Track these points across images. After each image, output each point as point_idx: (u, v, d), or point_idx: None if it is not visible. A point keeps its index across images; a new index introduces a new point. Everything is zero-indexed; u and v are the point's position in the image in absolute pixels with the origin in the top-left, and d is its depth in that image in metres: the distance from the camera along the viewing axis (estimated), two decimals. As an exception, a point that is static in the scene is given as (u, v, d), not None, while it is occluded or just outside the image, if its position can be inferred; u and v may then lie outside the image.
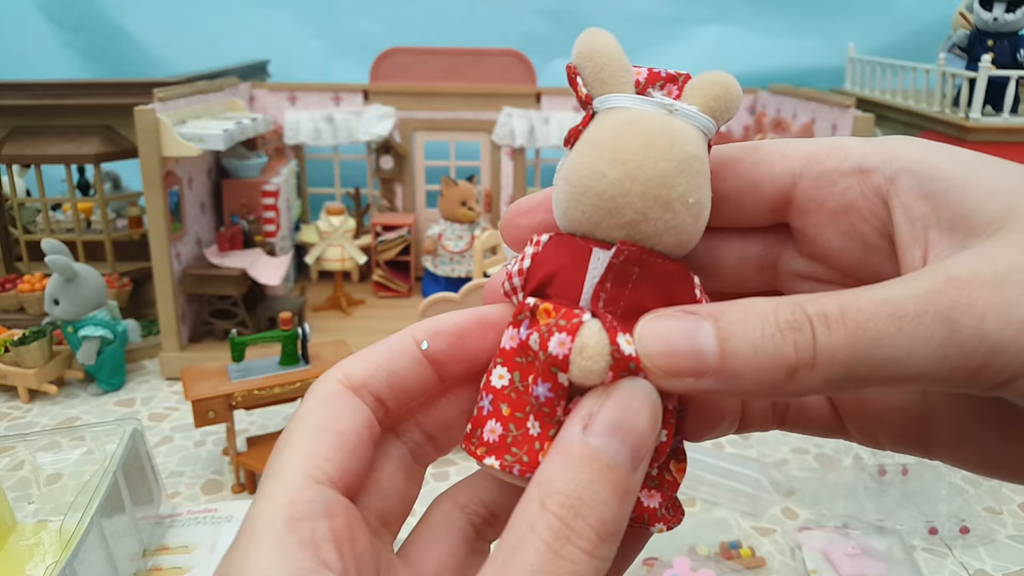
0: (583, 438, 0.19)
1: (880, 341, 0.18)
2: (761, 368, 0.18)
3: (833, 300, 0.18)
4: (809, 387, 0.18)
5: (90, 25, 1.70)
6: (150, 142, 1.05)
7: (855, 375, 0.18)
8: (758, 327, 0.18)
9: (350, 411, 0.22)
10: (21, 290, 1.26)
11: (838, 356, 0.18)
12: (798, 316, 0.18)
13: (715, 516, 0.84)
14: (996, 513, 0.87)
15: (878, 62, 1.36)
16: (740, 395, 0.19)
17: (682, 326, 0.19)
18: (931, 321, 0.18)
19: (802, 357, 0.18)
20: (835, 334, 0.18)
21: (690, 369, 0.19)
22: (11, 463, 0.80)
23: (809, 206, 0.23)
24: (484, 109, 1.42)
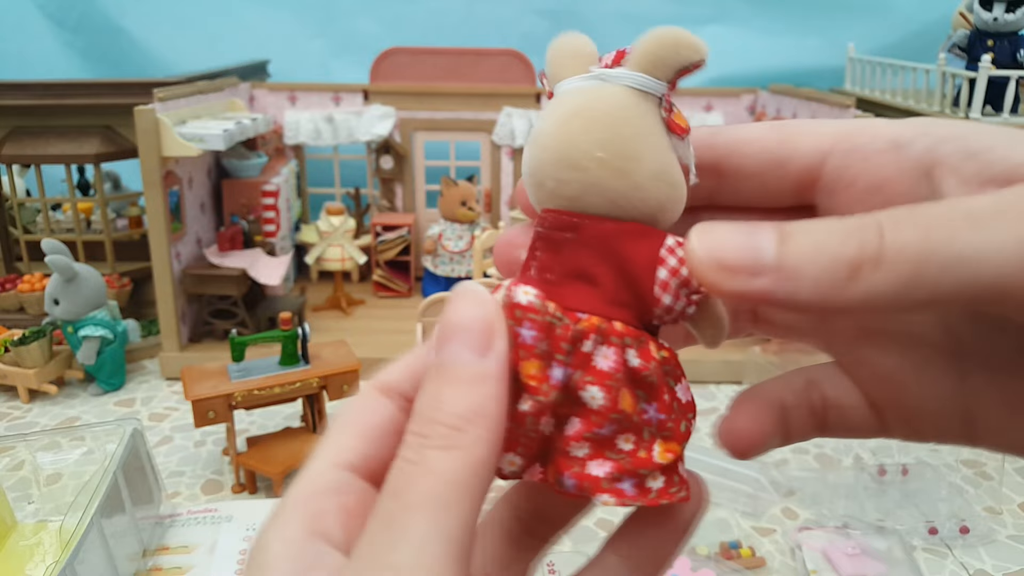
0: (431, 360, 0.20)
1: (954, 238, 0.17)
2: (822, 264, 0.18)
3: (904, 208, 0.18)
4: (874, 288, 0.17)
5: (90, 25, 1.70)
6: (150, 142, 1.05)
7: (924, 277, 0.17)
8: (822, 227, 0.18)
9: (374, 407, 0.22)
10: (21, 290, 1.26)
11: (907, 251, 0.17)
12: (865, 219, 0.18)
13: (715, 516, 0.84)
14: (996, 513, 0.87)
15: (878, 62, 1.36)
16: (797, 301, 0.18)
17: (742, 226, 0.19)
18: (1011, 221, 0.17)
19: (867, 251, 0.17)
20: (904, 231, 0.17)
21: (746, 265, 0.18)
22: (11, 463, 0.80)
23: (838, 184, 0.23)
24: (484, 109, 1.42)
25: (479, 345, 0.19)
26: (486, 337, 0.20)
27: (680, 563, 0.73)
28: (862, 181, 0.22)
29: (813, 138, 0.23)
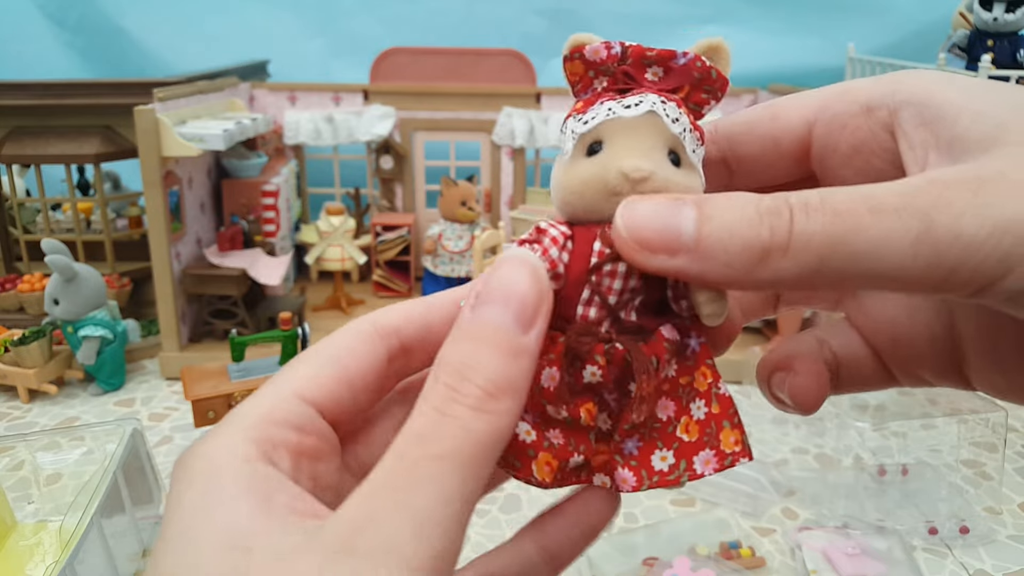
0: (469, 314, 0.20)
1: (856, 232, 0.18)
2: (734, 249, 0.19)
3: (816, 192, 0.19)
4: (781, 273, 0.19)
5: (90, 25, 1.70)
6: (150, 142, 1.05)
7: (829, 265, 0.18)
8: (737, 211, 0.19)
9: (364, 351, 0.22)
10: (21, 290, 1.26)
11: (813, 243, 0.18)
12: (779, 203, 0.19)
13: (715, 516, 0.84)
14: (996, 513, 0.87)
15: (878, 62, 1.36)
16: (711, 278, 0.20)
17: (665, 205, 0.20)
18: (909, 216, 0.18)
19: (776, 240, 0.18)
20: (812, 221, 0.18)
21: (665, 244, 0.19)
22: (11, 463, 0.80)
23: (825, 151, 0.24)
24: (484, 109, 1.42)
25: (525, 319, 0.20)
26: (533, 313, 0.20)
27: (680, 563, 0.73)
28: (843, 146, 0.23)
29: (799, 112, 0.24)
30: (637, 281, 0.22)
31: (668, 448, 0.23)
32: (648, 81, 0.24)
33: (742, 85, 1.45)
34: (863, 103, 0.22)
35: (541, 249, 0.23)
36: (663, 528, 0.81)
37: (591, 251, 0.22)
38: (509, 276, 0.20)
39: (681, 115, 0.23)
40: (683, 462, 0.23)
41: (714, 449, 0.23)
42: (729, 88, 0.24)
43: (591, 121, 0.23)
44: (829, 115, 0.23)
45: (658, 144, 0.22)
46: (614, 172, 0.22)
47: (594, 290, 0.23)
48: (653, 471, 0.23)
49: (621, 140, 0.23)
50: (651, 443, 0.23)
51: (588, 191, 0.23)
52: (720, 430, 0.23)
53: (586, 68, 0.24)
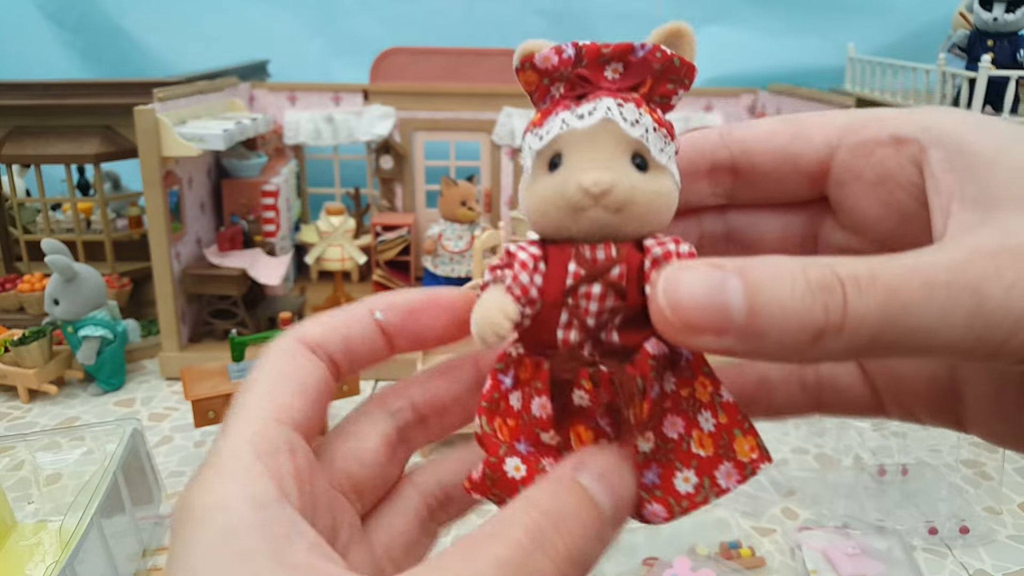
0: (573, 474, 0.20)
1: (911, 308, 0.17)
2: (788, 329, 0.18)
3: (863, 264, 0.18)
4: (831, 352, 0.18)
5: (90, 25, 1.70)
6: (150, 142, 1.05)
7: (881, 342, 0.18)
8: (788, 285, 0.18)
9: (309, 365, 0.22)
10: (21, 290, 1.26)
11: (867, 321, 0.17)
12: (829, 277, 0.18)
13: (715, 516, 0.84)
14: (996, 513, 0.87)
15: (878, 62, 1.36)
16: (758, 356, 0.19)
17: (708, 278, 0.18)
18: (960, 291, 0.17)
19: (831, 320, 0.18)
20: (866, 298, 0.17)
21: (714, 325, 0.18)
22: (11, 463, 0.80)
23: (846, 177, 0.23)
24: (484, 109, 1.42)
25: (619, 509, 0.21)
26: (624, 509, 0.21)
27: (680, 563, 0.73)
28: (868, 174, 0.23)
29: (823, 132, 0.23)
30: (615, 300, 0.21)
31: (688, 467, 0.22)
32: (607, 80, 0.22)
33: (742, 85, 1.45)
34: (892, 133, 0.22)
35: (511, 275, 0.22)
36: (663, 528, 0.81)
37: (566, 273, 0.22)
38: (619, 465, 0.21)
39: (642, 115, 0.22)
40: (706, 479, 0.22)
41: (732, 461, 0.22)
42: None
43: (545, 136, 0.22)
44: (855, 140, 0.23)
45: (618, 151, 0.22)
46: (573, 188, 0.21)
47: (572, 313, 0.22)
48: (680, 496, 0.22)
49: (578, 152, 0.22)
50: (670, 466, 0.22)
51: (551, 209, 0.22)
52: (733, 440, 0.22)
53: (540, 76, 0.23)
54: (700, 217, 0.26)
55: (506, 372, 0.23)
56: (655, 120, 0.22)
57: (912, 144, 0.21)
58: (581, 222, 0.21)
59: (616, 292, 0.21)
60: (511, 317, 0.21)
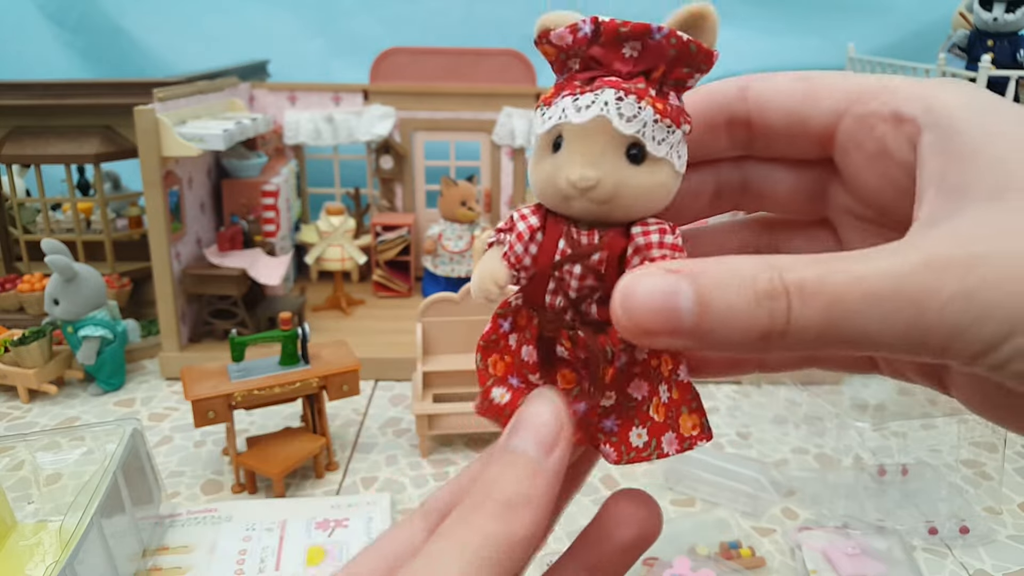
0: (502, 442, 0.23)
1: (852, 316, 0.19)
2: (735, 332, 0.19)
3: (813, 268, 0.19)
4: (780, 351, 0.20)
5: (90, 25, 1.70)
6: (150, 142, 1.05)
7: (826, 343, 0.19)
8: (735, 293, 0.19)
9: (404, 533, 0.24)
10: (21, 290, 1.26)
11: (811, 326, 0.19)
12: (775, 285, 0.19)
13: (715, 516, 0.84)
14: (996, 513, 0.87)
15: (878, 62, 1.36)
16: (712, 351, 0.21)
17: (662, 286, 0.20)
18: (901, 303, 0.18)
19: (775, 324, 0.19)
20: (808, 308, 0.19)
21: (667, 329, 0.20)
22: (11, 463, 0.80)
23: (849, 146, 0.24)
24: (484, 109, 1.42)
25: (547, 445, 0.23)
26: (553, 441, 0.23)
27: (680, 563, 0.73)
28: (869, 146, 0.23)
29: (831, 97, 0.24)
30: (593, 281, 0.24)
31: (643, 426, 0.25)
32: (623, 60, 0.23)
33: (742, 85, 1.45)
34: (895, 109, 0.22)
35: (509, 243, 0.25)
36: (663, 528, 0.81)
37: (556, 248, 0.24)
38: (534, 410, 0.23)
39: (641, 109, 0.22)
40: (654, 440, 0.25)
41: (675, 432, 0.25)
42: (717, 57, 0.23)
43: (547, 122, 0.23)
44: (860, 111, 0.23)
45: (610, 146, 0.22)
46: (562, 180, 0.23)
47: (558, 284, 0.24)
48: (631, 447, 0.25)
49: (573, 144, 0.23)
50: (629, 421, 0.25)
51: (548, 190, 0.24)
52: (679, 415, 0.25)
53: (556, 51, 0.24)
54: (718, 167, 0.27)
55: (506, 318, 0.26)
56: (659, 111, 0.22)
57: (910, 124, 0.22)
58: (572, 208, 0.23)
59: (595, 274, 0.23)
60: (500, 284, 0.24)
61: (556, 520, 0.26)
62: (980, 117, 0.21)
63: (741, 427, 1.03)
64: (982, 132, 0.20)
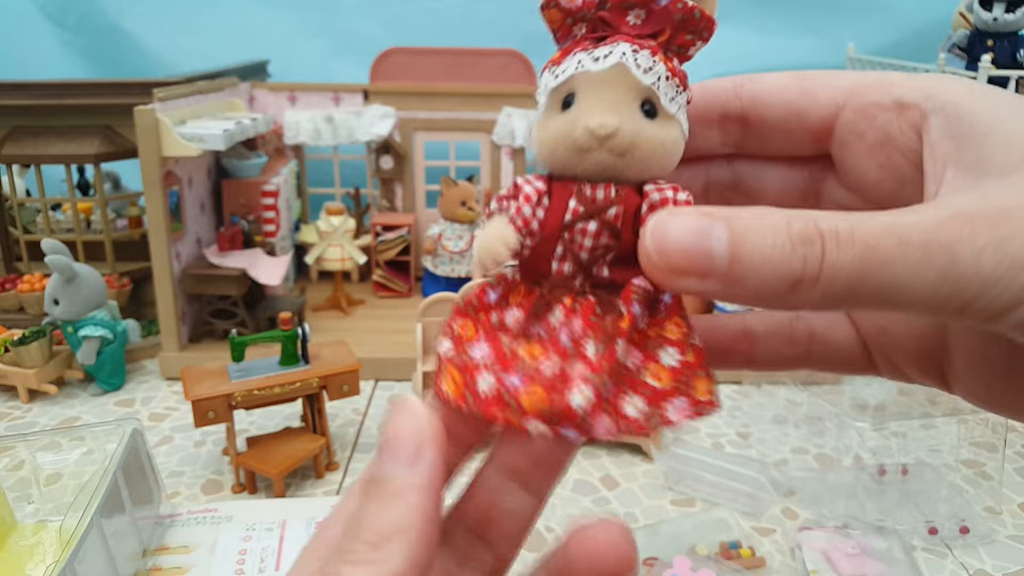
0: (369, 470, 0.21)
1: (885, 265, 0.18)
2: (767, 277, 0.19)
3: (845, 219, 0.19)
4: (807, 301, 0.19)
5: (90, 25, 1.70)
6: (150, 142, 1.05)
7: (854, 295, 0.19)
8: (770, 236, 0.19)
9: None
10: (21, 290, 1.26)
11: (843, 275, 0.18)
12: (810, 230, 0.19)
13: (715, 516, 0.84)
14: (996, 513, 0.87)
15: (878, 62, 1.36)
16: (737, 300, 0.20)
17: (695, 225, 0.19)
18: (934, 251, 0.18)
19: (808, 271, 0.19)
20: (843, 253, 0.18)
21: (697, 269, 0.19)
22: (11, 463, 0.80)
23: (849, 137, 0.24)
24: (484, 109, 1.42)
25: (407, 457, 0.20)
26: (415, 448, 0.21)
27: (680, 563, 0.73)
28: (870, 136, 0.23)
29: (829, 91, 0.24)
30: (609, 238, 0.23)
31: (637, 394, 0.22)
32: (628, 25, 0.23)
33: (742, 85, 1.45)
34: (897, 98, 0.22)
35: (515, 207, 0.23)
36: (663, 528, 0.81)
37: (566, 208, 0.23)
38: (389, 427, 0.21)
39: (656, 63, 0.22)
40: (655, 409, 0.22)
41: (688, 397, 0.22)
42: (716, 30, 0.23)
43: (561, 75, 0.23)
44: (860, 103, 0.23)
45: (628, 96, 0.22)
46: (580, 129, 0.22)
47: (567, 247, 0.23)
48: (628, 419, 0.22)
49: (590, 94, 0.22)
50: (620, 390, 0.23)
51: (559, 148, 0.23)
52: (694, 378, 0.23)
53: (563, 16, 0.24)
54: (708, 164, 0.27)
55: (495, 288, 0.24)
56: (669, 69, 0.23)
57: (914, 110, 0.22)
58: (586, 162, 0.22)
59: (610, 231, 0.23)
60: (510, 246, 0.22)
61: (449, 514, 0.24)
62: (983, 101, 0.21)
63: (741, 427, 1.03)
64: (989, 115, 0.20)
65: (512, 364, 0.22)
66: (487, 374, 0.22)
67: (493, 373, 0.22)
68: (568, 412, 0.21)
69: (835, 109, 0.24)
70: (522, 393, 0.21)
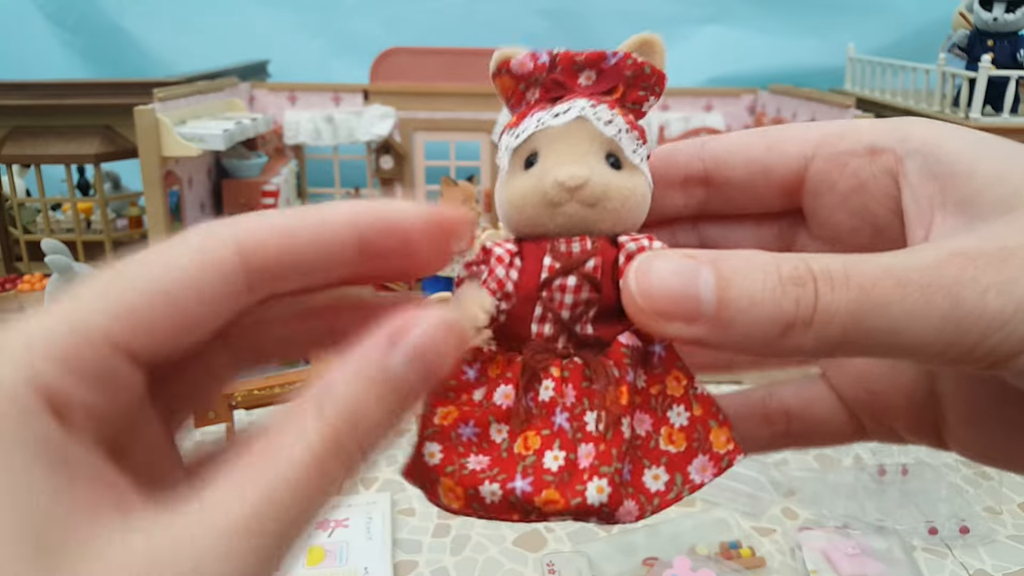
0: (384, 360, 0.18)
1: (883, 308, 0.17)
2: (757, 321, 0.18)
3: (838, 260, 0.18)
4: (800, 346, 0.18)
5: (90, 25, 1.70)
6: (150, 142, 1.05)
7: (850, 340, 0.18)
8: (759, 278, 0.18)
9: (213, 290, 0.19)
10: (21, 290, 1.26)
11: (838, 318, 0.18)
12: (802, 272, 0.18)
13: (715, 516, 0.84)
14: (996, 513, 0.87)
15: (878, 62, 1.36)
16: (728, 347, 0.19)
17: (681, 267, 0.19)
18: (935, 293, 0.17)
19: (801, 314, 0.18)
20: (838, 295, 0.18)
21: (684, 313, 0.18)
22: (11, 463, 0.80)
23: (821, 187, 0.23)
24: (484, 109, 1.42)
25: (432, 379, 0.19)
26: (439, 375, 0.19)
27: (680, 563, 0.73)
28: (842, 185, 0.22)
29: (797, 144, 0.23)
30: (590, 292, 0.22)
31: (657, 464, 0.22)
32: (581, 87, 0.23)
33: (742, 85, 1.45)
34: (868, 144, 0.22)
35: (488, 270, 0.22)
36: (663, 528, 0.81)
37: (541, 266, 0.22)
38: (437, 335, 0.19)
39: (615, 116, 0.22)
40: (678, 475, 0.22)
41: (707, 453, 0.22)
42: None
43: (522, 134, 0.23)
44: (830, 152, 0.23)
45: (592, 148, 0.22)
46: (550, 182, 0.22)
47: (546, 306, 0.22)
48: (651, 494, 0.21)
49: (554, 149, 0.22)
50: (638, 464, 0.22)
51: (528, 205, 0.22)
52: (708, 431, 0.22)
53: (516, 82, 0.24)
54: (673, 228, 0.26)
55: (472, 364, 0.22)
56: (628, 122, 0.23)
57: (888, 154, 0.21)
58: (557, 217, 0.22)
59: (591, 284, 0.22)
60: (487, 309, 0.21)
61: None
62: (959, 142, 0.20)
63: (741, 427, 1.02)
64: (968, 154, 0.20)
65: (512, 465, 0.21)
66: (489, 484, 0.21)
67: (496, 481, 0.21)
68: (587, 509, 0.20)
69: (804, 161, 0.23)
70: (535, 499, 0.20)
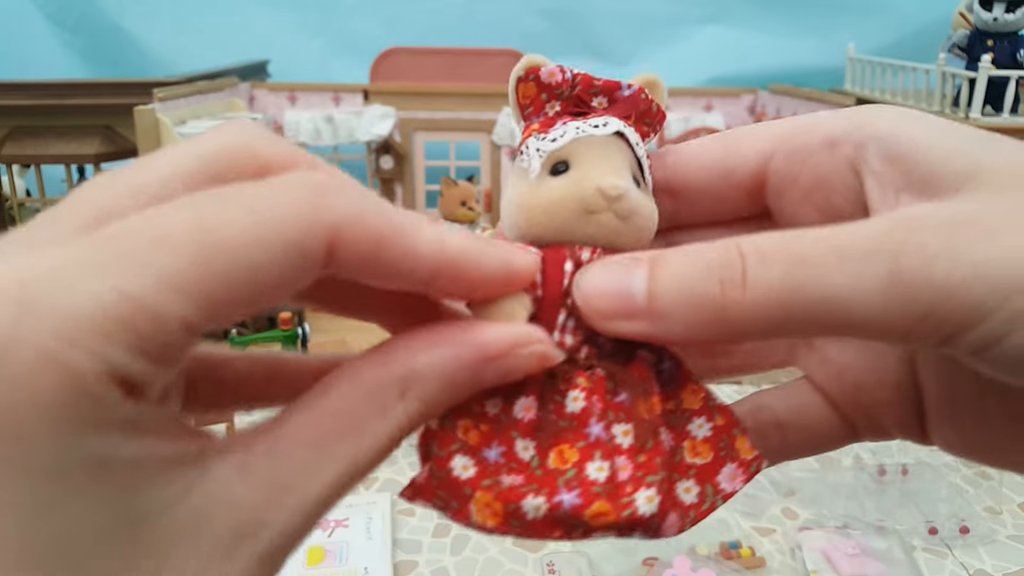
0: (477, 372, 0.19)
1: (819, 277, 0.17)
2: (688, 307, 0.18)
3: (774, 236, 0.18)
4: (743, 329, 0.18)
5: (90, 25, 1.70)
6: (150, 142, 1.05)
7: (792, 315, 0.17)
8: (684, 265, 0.18)
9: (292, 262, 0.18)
10: (21, 290, 1.25)
11: (772, 293, 0.17)
12: (730, 253, 0.18)
13: (715, 516, 0.84)
14: (996, 513, 0.87)
15: (878, 62, 1.36)
16: (675, 339, 0.19)
17: (617, 268, 0.19)
18: (878, 260, 0.16)
19: (730, 295, 0.17)
20: (770, 268, 0.17)
21: (619, 310, 0.19)
22: (11, 463, 0.80)
23: (783, 185, 0.23)
24: (484, 109, 1.42)
25: None
26: None
27: (680, 563, 0.73)
28: (803, 180, 0.22)
29: (755, 144, 0.23)
30: None
31: (686, 478, 0.21)
32: (596, 109, 0.24)
33: (742, 85, 1.45)
34: (825, 136, 0.22)
35: None
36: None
37: (563, 273, 0.21)
38: None
39: (640, 140, 0.23)
40: (708, 486, 0.21)
41: (735, 461, 0.22)
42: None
43: (560, 139, 0.22)
44: (789, 148, 0.22)
45: (625, 165, 0.22)
46: (591, 190, 0.22)
47: (570, 312, 0.21)
48: (687, 507, 0.21)
49: (590, 158, 0.22)
50: (668, 480, 0.21)
51: (561, 211, 0.22)
52: (733, 440, 0.22)
53: (539, 91, 0.24)
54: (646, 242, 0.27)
55: None
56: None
57: (846, 145, 0.21)
58: (590, 226, 0.22)
59: None
60: (527, 307, 0.21)
61: None
62: (915, 124, 0.20)
63: (741, 427, 1.02)
64: (924, 136, 0.20)
65: (551, 480, 0.20)
66: (533, 499, 0.20)
67: (541, 495, 0.20)
68: (638, 519, 0.19)
69: (763, 159, 0.23)
70: (584, 512, 0.19)
